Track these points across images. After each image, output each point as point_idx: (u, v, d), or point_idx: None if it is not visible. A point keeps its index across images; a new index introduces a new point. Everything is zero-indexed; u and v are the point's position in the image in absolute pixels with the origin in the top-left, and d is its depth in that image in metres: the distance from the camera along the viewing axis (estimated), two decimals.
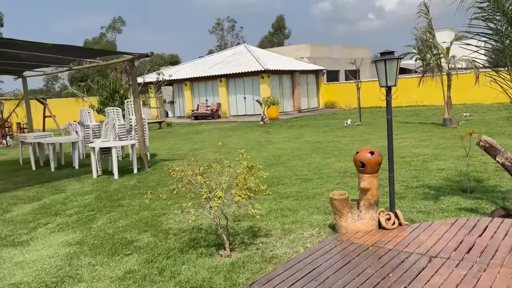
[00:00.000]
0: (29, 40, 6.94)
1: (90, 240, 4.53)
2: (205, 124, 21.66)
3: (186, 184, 3.98)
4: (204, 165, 4.03)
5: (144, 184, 7.41)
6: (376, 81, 20.40)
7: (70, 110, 25.63)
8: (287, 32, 69.61)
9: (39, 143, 10.35)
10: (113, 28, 59.57)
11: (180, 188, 3.93)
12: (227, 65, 25.31)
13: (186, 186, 3.93)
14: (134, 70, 8.81)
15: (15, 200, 6.72)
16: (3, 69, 10.26)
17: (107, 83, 15.61)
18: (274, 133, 14.97)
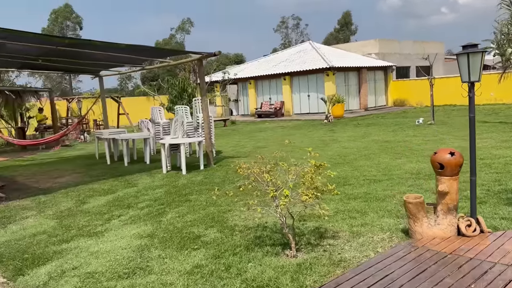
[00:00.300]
0: (105, 41, 7.33)
1: (160, 233, 4.66)
2: (268, 122, 21.71)
3: (252, 181, 3.95)
4: (271, 163, 3.96)
5: (210, 180, 7.54)
6: (451, 77, 19.26)
7: (142, 108, 26.93)
8: (353, 28, 67.94)
9: (113, 139, 10.94)
10: (182, 29, 61.85)
11: (246, 186, 3.90)
12: (291, 63, 25.17)
13: (252, 183, 3.90)
14: (202, 69, 9.00)
15: (91, 193, 7.14)
16: (82, 69, 10.96)
17: (176, 82, 16.17)
18: (339, 131, 14.61)
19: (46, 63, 9.46)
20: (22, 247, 4.51)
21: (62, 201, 6.65)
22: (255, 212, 5.17)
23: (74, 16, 54.87)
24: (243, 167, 3.96)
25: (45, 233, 4.96)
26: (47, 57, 8.85)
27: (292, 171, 3.86)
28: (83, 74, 12.08)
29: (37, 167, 10.74)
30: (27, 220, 5.63)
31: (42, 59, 8.95)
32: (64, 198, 6.82)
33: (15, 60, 9.50)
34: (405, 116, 18.86)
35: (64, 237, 4.79)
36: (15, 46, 7.87)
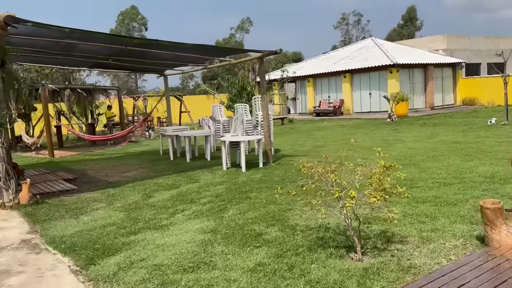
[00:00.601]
0: (171, 41, 7.56)
1: (222, 229, 4.71)
2: (327, 121, 21.36)
3: (315, 181, 3.86)
4: (336, 162, 3.85)
5: (269, 178, 7.52)
6: None
7: (202, 106, 27.63)
8: (418, 24, 65.10)
9: (177, 136, 11.29)
10: (241, 29, 62.66)
11: (310, 185, 3.82)
12: (352, 60, 24.57)
13: (315, 183, 3.81)
14: (263, 67, 9.01)
15: (156, 187, 7.39)
16: (148, 68, 11.41)
17: (236, 80, 16.38)
18: (403, 131, 14.02)
19: (116, 62, 9.96)
20: (93, 238, 4.75)
21: (129, 194, 6.95)
22: (317, 212, 5.08)
23: (140, 17, 57.47)
24: (307, 166, 3.87)
25: (114, 225, 5.20)
26: (116, 56, 9.31)
27: (359, 171, 3.71)
28: (149, 73, 12.59)
29: (106, 161, 11.34)
30: (98, 212, 5.94)
31: (112, 58, 9.43)
32: (131, 192, 7.12)
33: (87, 59, 10.10)
34: (475, 116, 17.74)
35: (132, 229, 4.99)
36: (88, 47, 8.36)
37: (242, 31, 62.56)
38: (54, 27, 6.37)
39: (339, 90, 24.62)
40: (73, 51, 8.87)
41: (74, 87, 14.10)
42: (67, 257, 4.18)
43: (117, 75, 53.61)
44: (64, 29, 6.48)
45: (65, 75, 18.97)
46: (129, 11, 56.36)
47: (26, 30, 6.64)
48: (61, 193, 7.20)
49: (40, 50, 8.70)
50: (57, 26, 6.36)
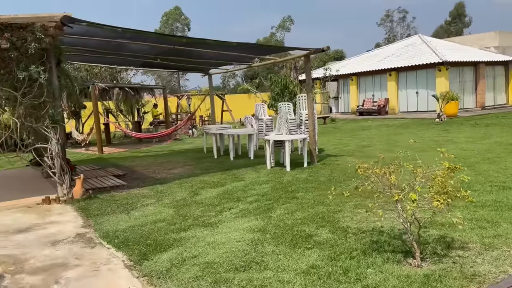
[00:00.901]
0: (218, 40, 7.59)
1: (271, 228, 4.66)
2: (371, 120, 20.85)
3: (372, 182, 3.72)
4: (394, 163, 3.69)
5: (315, 178, 7.40)
6: None
7: (243, 105, 27.78)
8: (467, 20, 62.44)
9: (220, 134, 11.37)
10: (282, 27, 62.48)
11: (365, 186, 3.68)
12: (398, 57, 23.83)
13: (372, 185, 3.67)
14: (309, 65, 8.89)
15: (202, 184, 7.45)
16: (194, 67, 11.56)
17: (279, 79, 16.31)
18: (454, 131, 13.43)
19: (163, 62, 10.14)
20: (144, 233, 4.83)
21: (177, 191, 7.05)
22: (369, 214, 4.92)
23: (183, 18, 58.60)
24: (363, 167, 3.74)
25: (164, 221, 5.27)
26: (164, 56, 9.48)
27: (419, 173, 3.54)
28: (194, 72, 12.74)
29: (152, 158, 11.60)
30: (147, 208, 6.05)
31: (160, 58, 9.61)
32: (179, 189, 7.22)
33: (136, 59, 10.35)
34: None
35: (182, 225, 5.03)
36: (138, 46, 8.55)
37: (283, 30, 62.37)
38: (107, 27, 6.55)
39: (383, 89, 23.96)
40: (123, 51, 9.11)
41: (123, 86, 14.55)
42: (120, 252, 4.26)
43: (160, 75, 55.01)
44: (117, 28, 6.64)
45: (113, 75, 19.61)
46: (173, 11, 57.61)
47: (80, 30, 6.86)
48: (111, 188, 7.41)
49: (92, 49, 9.00)
50: (110, 25, 6.54)
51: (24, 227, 5.33)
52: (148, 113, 20.00)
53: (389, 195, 3.63)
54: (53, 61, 6.36)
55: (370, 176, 3.71)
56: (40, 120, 6.39)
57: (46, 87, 6.22)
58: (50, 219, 5.63)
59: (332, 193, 3.98)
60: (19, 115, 6.33)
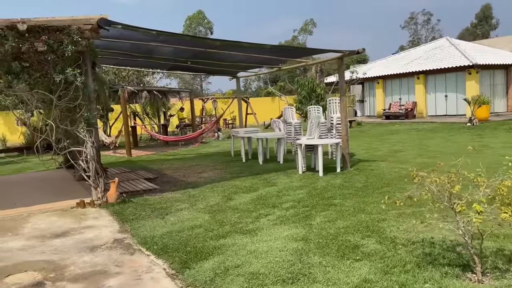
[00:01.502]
0: (251, 42, 7.47)
1: (314, 237, 4.48)
2: (398, 124, 20.43)
3: (428, 191, 3.51)
4: (452, 171, 3.47)
5: (351, 184, 7.18)
6: None
7: (267, 108, 27.66)
8: (494, 23, 60.80)
9: (248, 137, 11.26)
10: (304, 31, 62.14)
11: (422, 196, 3.47)
12: (426, 60, 23.31)
13: (428, 194, 3.46)
14: (343, 68, 8.69)
15: (235, 189, 7.33)
16: (223, 70, 11.49)
17: (306, 82, 16.13)
18: (488, 136, 12.98)
19: (193, 65, 10.10)
20: (183, 239, 4.72)
21: (209, 195, 6.94)
22: (415, 224, 4.70)
23: (206, 21, 58.94)
24: (421, 175, 3.53)
25: (201, 227, 5.16)
26: (195, 59, 9.43)
27: (482, 183, 3.31)
28: (223, 75, 12.67)
29: (181, 161, 11.56)
30: (182, 213, 5.95)
31: (191, 61, 9.56)
32: (211, 193, 7.11)
33: (166, 62, 10.34)
34: None
35: (220, 232, 4.91)
36: (169, 49, 8.52)
37: (305, 33, 62.02)
38: (142, 30, 6.52)
39: (411, 92, 23.47)
40: (154, 54, 9.10)
41: (151, 89, 14.62)
42: (161, 259, 4.16)
43: (183, 78, 55.39)
44: (151, 31, 6.61)
45: (139, 78, 19.77)
46: (196, 15, 58.00)
47: (115, 33, 6.84)
48: (144, 192, 7.36)
49: (123, 52, 9.01)
50: (145, 28, 6.50)
51: (60, 231, 5.30)
52: (174, 116, 20.09)
53: (447, 205, 3.42)
54: (89, 64, 6.35)
55: (426, 184, 3.49)
56: (75, 123, 6.39)
57: (81, 90, 6.21)
58: (86, 223, 5.59)
59: (385, 203, 3.76)
60: (55, 117, 6.34)
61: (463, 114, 20.49)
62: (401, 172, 8.00)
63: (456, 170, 3.48)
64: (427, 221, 3.54)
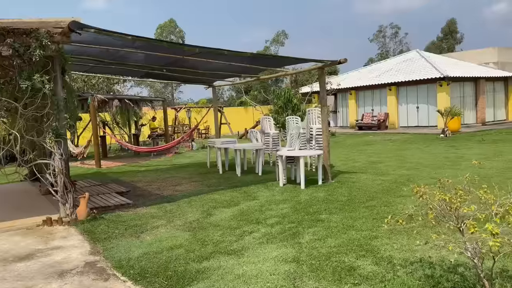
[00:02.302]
0: (232, 50, 7.18)
1: (305, 258, 4.18)
2: (372, 135, 20.56)
3: (431, 209, 3.29)
4: (458, 188, 3.26)
5: (335, 198, 6.95)
6: None
7: (240, 118, 27.38)
8: (459, 37, 63.10)
9: (225, 148, 10.91)
10: (276, 41, 62.49)
11: (429, 215, 3.24)
12: (398, 72, 23.71)
13: (434, 212, 3.23)
14: (324, 79, 8.52)
15: (214, 203, 6.96)
16: (199, 79, 11.13)
17: (282, 92, 15.97)
18: (462, 148, 13.13)
19: (169, 73, 9.70)
20: (162, 262, 4.32)
21: (187, 211, 6.54)
22: (409, 241, 4.49)
23: (178, 30, 58.32)
24: (424, 191, 3.30)
25: (181, 247, 4.76)
26: (171, 66, 9.04)
27: (492, 200, 3.11)
28: (198, 84, 12.31)
29: (154, 173, 11.06)
30: (159, 230, 5.53)
31: (167, 68, 9.17)
32: (189, 208, 6.71)
33: (140, 69, 9.89)
34: None
35: (202, 253, 4.53)
36: (144, 56, 8.10)
37: (277, 44, 62.38)
38: (117, 34, 6.10)
39: (383, 103, 23.78)
40: (128, 61, 8.66)
41: (122, 97, 14.05)
42: (139, 286, 3.74)
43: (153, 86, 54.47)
44: (127, 36, 6.20)
45: (109, 86, 19.09)
46: (168, 24, 57.32)
47: (87, 38, 6.39)
48: (116, 207, 6.88)
49: (95, 58, 8.53)
50: (120, 33, 6.10)
51: (24, 253, 4.78)
52: (145, 126, 19.48)
53: (452, 225, 3.20)
54: (58, 70, 5.87)
55: (431, 202, 3.26)
56: (42, 133, 5.88)
57: (50, 97, 5.72)
58: (54, 243, 5.08)
59: (388, 223, 3.49)
60: (20, 127, 5.81)
61: (435, 125, 20.87)
62: (384, 184, 7.85)
63: (462, 187, 3.26)
64: (431, 241, 3.30)
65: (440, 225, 4.96)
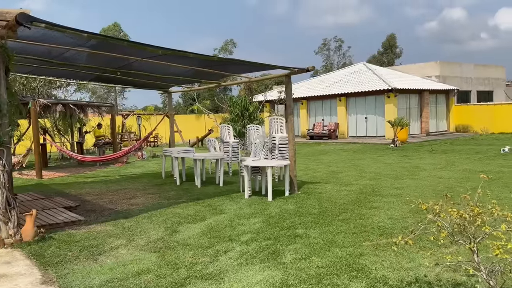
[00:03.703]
0: (198, 53, 6.71)
1: (295, 282, 3.79)
2: (323, 144, 20.76)
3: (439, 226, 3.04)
4: (470, 204, 3.04)
5: (305, 210, 6.65)
6: None
7: (191, 126, 26.65)
8: (398, 51, 66.45)
9: (182, 158, 10.33)
10: (225, 50, 62.28)
11: (442, 234, 2.98)
12: (347, 83, 24.25)
13: (447, 229, 2.99)
14: (290, 86, 8.25)
15: (177, 219, 6.40)
16: (154, 84, 10.48)
17: (239, 100, 15.62)
18: (414, 157, 13.47)
19: (123, 76, 9.00)
20: None
21: (149, 227, 5.93)
22: (398, 258, 4.25)
23: (122, 34, 56.29)
24: (431, 207, 3.05)
25: (150, 272, 4.19)
26: (126, 69, 8.37)
27: (510, 217, 2.91)
28: (154, 89, 11.62)
29: (103, 185, 10.21)
30: (119, 252, 4.91)
31: (121, 72, 8.48)
32: (150, 224, 6.10)
33: (91, 72, 9.10)
34: (478, 144, 17.45)
35: (175, 279, 4.00)
36: (98, 57, 7.41)
37: (225, 52, 62.17)
38: (71, 31, 5.43)
39: (333, 113, 24.17)
40: (78, 62, 7.88)
41: (67, 102, 12.96)
42: None
43: (96, 92, 52.07)
44: (82, 33, 5.54)
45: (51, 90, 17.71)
46: (112, 27, 55.14)
47: (35, 34, 5.65)
48: (66, 224, 6.11)
49: (41, 58, 7.66)
50: (75, 29, 5.43)
51: None
52: (90, 133, 18.28)
53: (463, 243, 2.97)
54: (2, 69, 5.10)
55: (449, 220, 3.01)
56: None
57: None
58: None
59: (398, 243, 3.17)
60: None
61: (383, 135, 21.48)
62: (351, 195, 7.70)
63: (476, 202, 3.05)
64: (441, 262, 3.06)
65: (423, 240, 4.81)
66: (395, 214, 6.18)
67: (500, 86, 28.72)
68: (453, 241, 3.02)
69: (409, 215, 6.07)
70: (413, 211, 6.23)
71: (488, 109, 23.31)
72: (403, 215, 6.06)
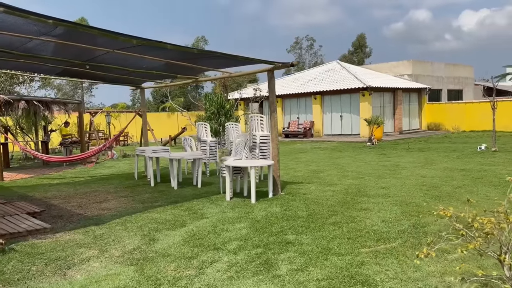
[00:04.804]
0: (178, 45, 6.18)
1: None
2: (299, 142, 20.50)
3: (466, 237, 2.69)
4: (497, 210, 2.70)
5: (293, 213, 6.26)
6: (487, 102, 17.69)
7: (162, 124, 25.86)
8: (368, 51, 67.38)
9: (157, 158, 9.74)
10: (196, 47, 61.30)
11: (474, 244, 2.62)
12: (322, 82, 24.10)
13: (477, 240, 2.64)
14: (274, 82, 7.85)
15: (155, 225, 5.87)
16: (125, 79, 9.83)
17: (215, 98, 15.09)
18: (393, 156, 13.35)
19: (92, 70, 8.33)
20: None
21: (123, 235, 5.38)
22: (401, 267, 3.91)
23: None
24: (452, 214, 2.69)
25: None
26: (96, 62, 7.73)
27: None
28: (125, 84, 10.95)
29: (70, 187, 9.49)
30: (91, 265, 4.35)
31: (90, 65, 7.82)
32: (125, 232, 5.55)
33: (56, 65, 8.38)
34: (453, 142, 17.60)
35: None
36: (65, 47, 6.76)
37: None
38: (35, 17, 4.81)
39: (308, 112, 23.98)
40: (42, 53, 7.18)
41: (31, 99, 12.07)
42: None
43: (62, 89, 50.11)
44: (47, 20, 4.92)
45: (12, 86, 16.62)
46: (78, 22, 53.25)
47: None
48: (29, 233, 5.46)
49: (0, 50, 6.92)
50: (39, 14, 4.81)
51: None
52: (55, 132, 17.29)
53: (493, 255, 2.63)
54: None
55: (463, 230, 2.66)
56: None
57: None
58: None
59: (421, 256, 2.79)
60: None
61: (358, 133, 21.45)
62: (337, 196, 7.37)
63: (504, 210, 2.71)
64: (468, 277, 2.72)
65: (421, 244, 4.50)
66: (387, 216, 5.87)
67: (469, 85, 29.38)
68: (483, 253, 2.67)
69: (402, 217, 5.77)
70: (406, 213, 5.95)
71: (459, 108, 23.71)
72: (396, 217, 5.76)
